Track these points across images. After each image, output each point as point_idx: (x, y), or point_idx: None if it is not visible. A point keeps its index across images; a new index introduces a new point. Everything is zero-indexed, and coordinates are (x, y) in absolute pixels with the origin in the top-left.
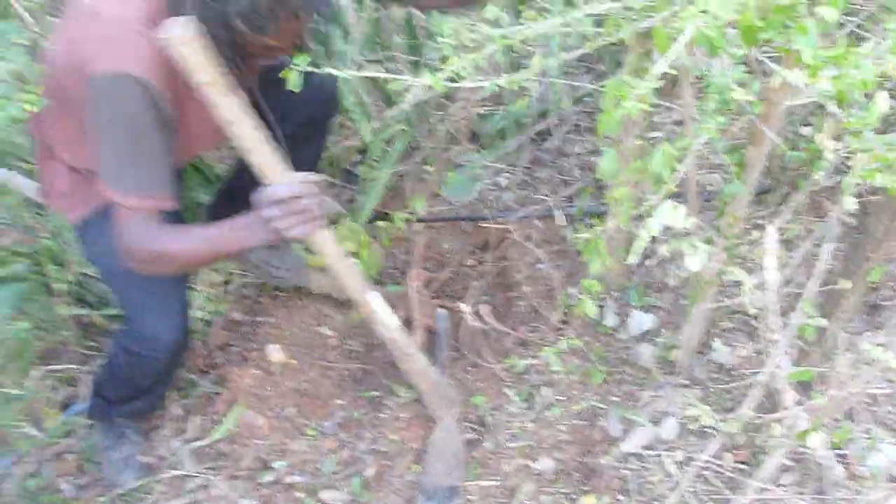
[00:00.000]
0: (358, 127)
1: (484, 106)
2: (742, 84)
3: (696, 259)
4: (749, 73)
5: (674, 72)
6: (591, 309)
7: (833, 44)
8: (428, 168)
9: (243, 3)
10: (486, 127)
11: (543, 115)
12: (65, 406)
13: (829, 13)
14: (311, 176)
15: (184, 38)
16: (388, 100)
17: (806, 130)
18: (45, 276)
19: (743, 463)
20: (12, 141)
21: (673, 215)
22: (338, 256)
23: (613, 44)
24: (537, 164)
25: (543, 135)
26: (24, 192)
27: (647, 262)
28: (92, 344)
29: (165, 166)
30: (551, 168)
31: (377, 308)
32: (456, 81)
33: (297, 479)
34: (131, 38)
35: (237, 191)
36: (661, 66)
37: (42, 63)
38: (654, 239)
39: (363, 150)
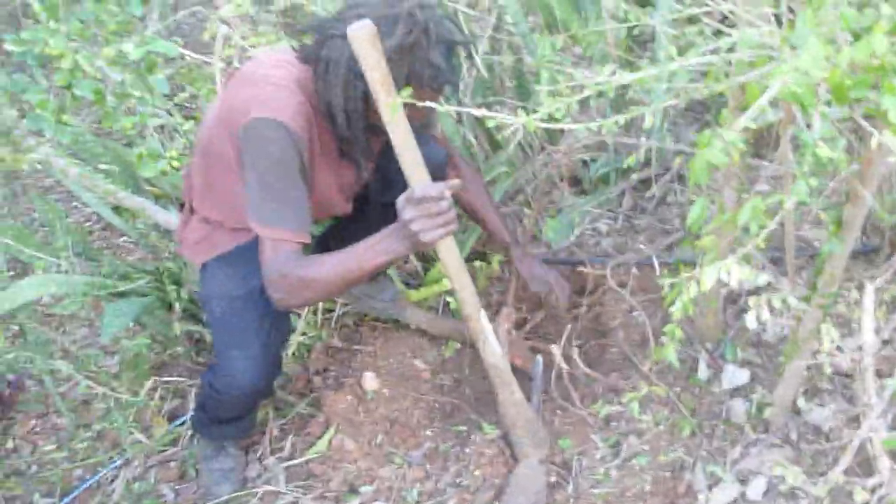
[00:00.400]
0: None
1: (587, 152)
2: (831, 141)
3: (753, 316)
4: (856, 133)
5: (753, 125)
6: (672, 356)
7: None
8: (528, 211)
9: None
10: (589, 173)
11: (647, 163)
12: (172, 416)
13: None
14: (451, 183)
15: (365, 36)
16: (495, 144)
17: None
18: (164, 293)
19: None
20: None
21: (726, 269)
22: (459, 268)
23: (721, 94)
24: (638, 211)
25: (646, 183)
26: (153, 218)
27: (744, 317)
28: (201, 360)
29: (306, 205)
30: (652, 216)
31: (486, 327)
32: (551, 123)
33: None
34: (282, 94)
35: (345, 229)
36: (745, 119)
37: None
38: (751, 293)
39: None
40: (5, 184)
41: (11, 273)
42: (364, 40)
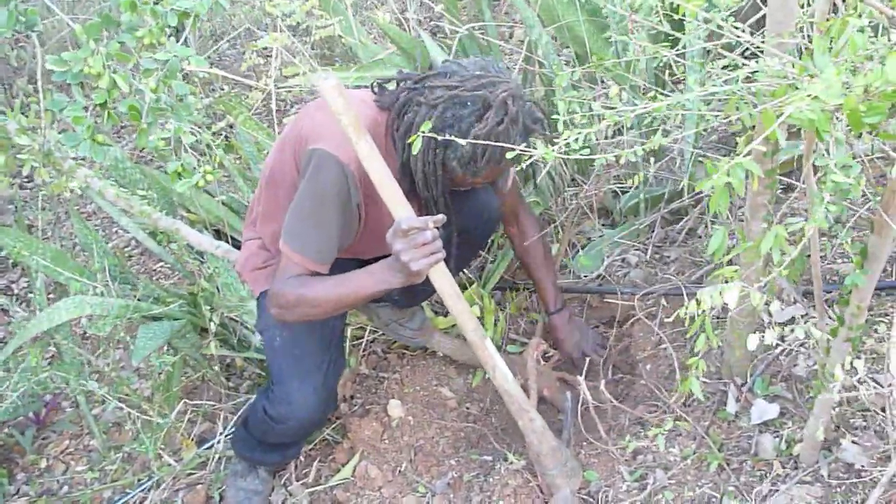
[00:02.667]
0: None
1: (619, 184)
2: (846, 168)
3: (755, 339)
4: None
5: (763, 148)
6: (697, 388)
7: None
8: (558, 240)
9: (464, 153)
10: (619, 204)
11: (678, 195)
12: (201, 440)
13: None
14: (435, 217)
15: (331, 87)
16: (525, 175)
17: None
18: (197, 316)
19: None
20: (182, 194)
21: (722, 291)
22: (455, 296)
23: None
24: (668, 243)
25: (677, 214)
26: (186, 238)
27: (775, 351)
28: (231, 384)
29: (333, 240)
30: (682, 248)
31: (493, 354)
32: (569, 154)
33: None
34: None
35: None
36: (756, 142)
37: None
38: (782, 333)
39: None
40: (49, 208)
41: (51, 296)
42: (330, 89)
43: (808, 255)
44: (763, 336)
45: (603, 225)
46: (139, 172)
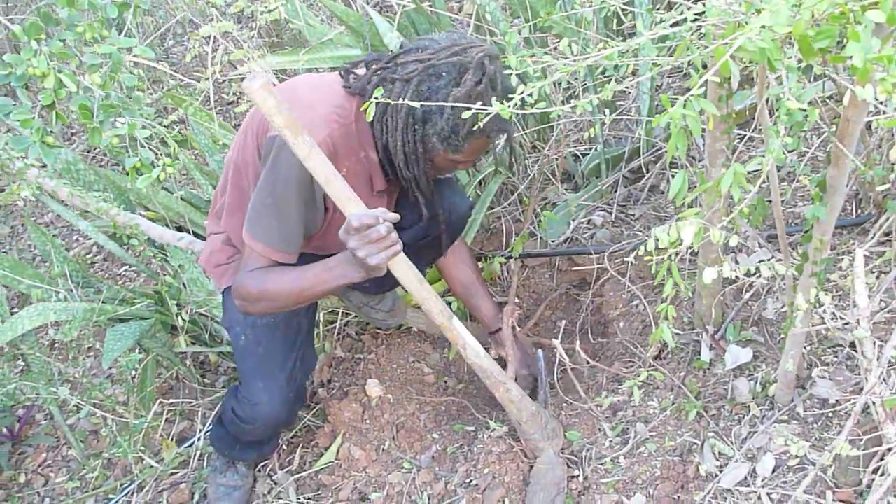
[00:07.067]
0: None
1: (578, 146)
2: (799, 97)
3: (712, 272)
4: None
5: (716, 79)
6: (668, 336)
7: None
8: (524, 207)
9: (444, 125)
10: (580, 167)
11: (638, 152)
12: (181, 439)
13: (877, 16)
14: (390, 214)
15: (261, 87)
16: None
17: None
18: (166, 315)
19: (845, 503)
20: (140, 192)
21: (678, 228)
22: (418, 283)
23: None
24: (632, 201)
25: (638, 173)
26: (147, 233)
27: (744, 296)
28: (206, 381)
29: (297, 229)
30: (645, 205)
31: (462, 332)
32: (524, 109)
33: None
34: (311, 117)
35: None
36: (707, 74)
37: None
38: (749, 273)
39: None
40: (5, 221)
41: (14, 310)
42: (259, 91)
43: (770, 201)
44: (720, 269)
45: (566, 189)
46: (93, 174)
